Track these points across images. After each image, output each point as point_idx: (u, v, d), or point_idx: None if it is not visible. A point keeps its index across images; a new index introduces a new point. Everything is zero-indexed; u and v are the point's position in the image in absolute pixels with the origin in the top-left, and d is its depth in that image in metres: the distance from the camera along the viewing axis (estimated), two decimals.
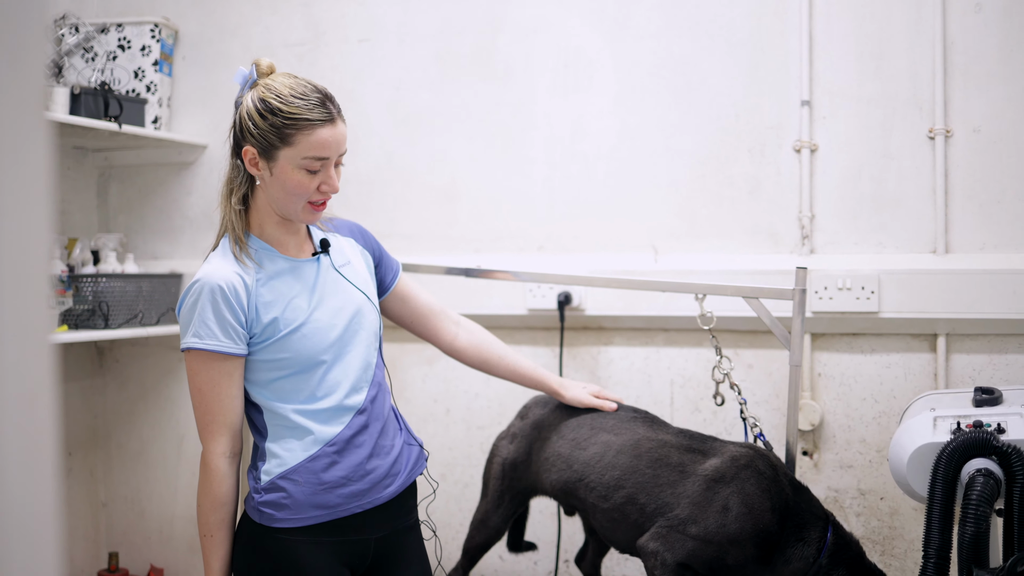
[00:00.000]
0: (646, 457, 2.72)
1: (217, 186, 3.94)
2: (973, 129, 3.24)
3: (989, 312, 3.15)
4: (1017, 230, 3.20)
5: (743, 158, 3.46)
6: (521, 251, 3.68)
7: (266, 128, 2.24)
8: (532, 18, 3.68)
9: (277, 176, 2.26)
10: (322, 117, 2.26)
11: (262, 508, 2.30)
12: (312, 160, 2.25)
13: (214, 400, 2.28)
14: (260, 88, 2.29)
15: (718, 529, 2.53)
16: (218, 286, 2.23)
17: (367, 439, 2.37)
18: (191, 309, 2.26)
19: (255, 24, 4.00)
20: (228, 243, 2.34)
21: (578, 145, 3.63)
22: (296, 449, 2.31)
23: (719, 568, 2.57)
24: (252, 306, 2.26)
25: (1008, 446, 2.28)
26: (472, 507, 3.70)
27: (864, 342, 3.34)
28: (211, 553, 2.34)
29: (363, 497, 2.34)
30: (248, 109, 2.27)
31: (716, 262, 3.44)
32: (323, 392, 2.33)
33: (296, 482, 2.29)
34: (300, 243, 2.43)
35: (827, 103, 3.38)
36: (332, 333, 2.34)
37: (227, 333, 2.24)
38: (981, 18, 3.23)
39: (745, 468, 2.60)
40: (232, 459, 2.32)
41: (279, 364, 2.30)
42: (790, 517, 2.55)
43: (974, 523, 2.23)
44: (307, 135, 2.24)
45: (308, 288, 2.35)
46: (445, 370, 3.70)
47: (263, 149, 2.25)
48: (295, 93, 2.26)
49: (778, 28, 3.42)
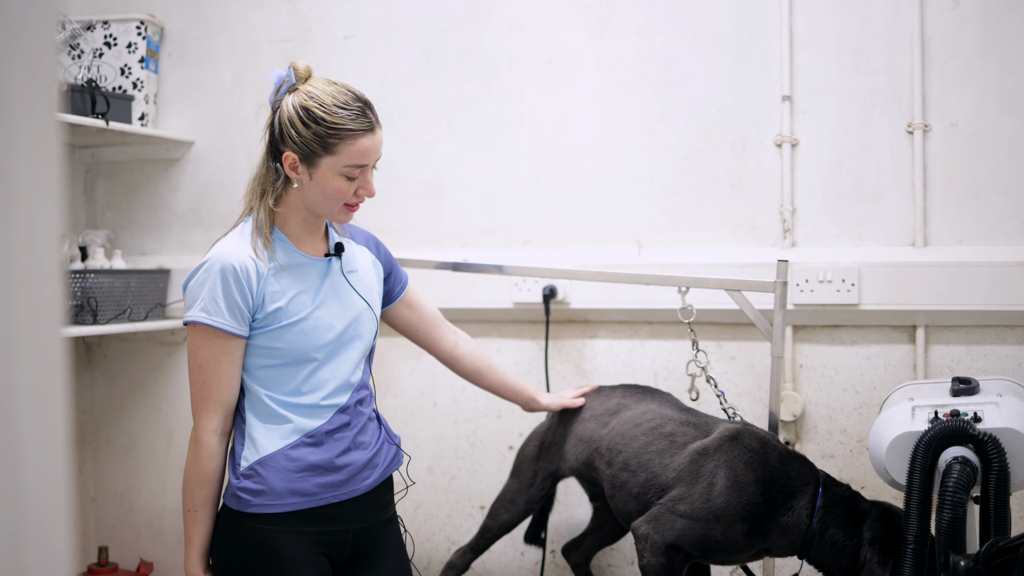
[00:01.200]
0: (645, 426, 2.84)
1: (204, 182, 4.00)
2: (951, 123, 3.29)
3: (967, 304, 3.20)
4: (994, 223, 3.26)
5: (725, 153, 3.50)
6: (506, 245, 3.72)
7: (309, 137, 2.27)
8: (516, 14, 3.72)
9: (317, 181, 2.30)
10: (364, 127, 2.30)
11: (239, 493, 2.33)
12: (352, 167, 2.30)
13: (213, 377, 2.32)
14: (302, 95, 2.31)
15: (703, 504, 2.60)
16: (231, 266, 2.27)
17: (347, 435, 2.42)
18: (201, 284, 2.29)
19: (241, 21, 4.03)
20: (248, 230, 2.38)
21: (562, 140, 3.67)
22: (275, 437, 2.35)
23: (709, 547, 2.63)
24: (260, 292, 2.30)
25: (984, 435, 2.33)
26: (459, 499, 3.74)
27: (845, 334, 3.39)
28: (193, 528, 2.38)
29: (340, 488, 2.38)
30: (290, 115, 2.30)
31: (699, 255, 3.48)
32: (308, 388, 2.37)
33: (273, 468, 2.33)
34: (317, 242, 2.47)
35: (807, 98, 3.43)
36: (329, 334, 2.38)
37: (233, 314, 2.28)
38: (958, 14, 3.28)
39: (731, 442, 2.68)
40: (223, 437, 2.36)
41: (272, 353, 2.33)
42: (778, 488, 2.61)
43: (951, 510, 2.27)
44: (349, 144, 2.28)
45: (315, 286, 2.40)
46: (432, 364, 3.73)
47: (304, 156, 2.29)
48: (338, 102, 2.29)
49: (759, 24, 3.47)
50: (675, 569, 2.66)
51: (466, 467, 3.74)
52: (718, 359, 3.47)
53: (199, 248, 4.04)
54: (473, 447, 3.75)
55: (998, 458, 2.31)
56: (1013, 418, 2.42)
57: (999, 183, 3.25)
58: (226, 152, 4.04)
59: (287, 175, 2.34)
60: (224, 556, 2.39)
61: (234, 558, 2.37)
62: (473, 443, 3.75)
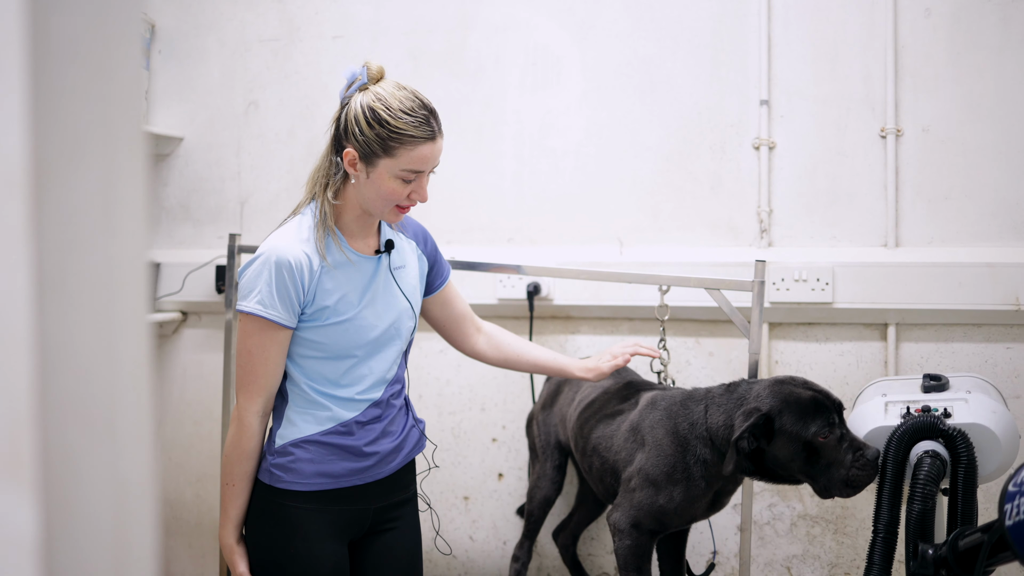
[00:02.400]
0: (596, 404, 3.01)
1: (193, 177, 4.06)
2: (922, 129, 3.39)
3: (937, 303, 3.31)
4: (963, 225, 3.36)
5: (705, 155, 3.59)
6: (491, 243, 3.79)
7: (371, 137, 2.32)
8: (502, 16, 3.79)
9: (373, 180, 2.35)
10: (426, 135, 2.34)
11: (272, 469, 2.44)
12: (409, 172, 2.34)
13: (260, 363, 2.40)
14: (371, 95, 2.35)
15: (641, 478, 2.73)
16: (287, 261, 2.33)
17: (378, 425, 2.51)
18: (257, 275, 2.36)
19: (231, 19, 4.09)
20: (307, 224, 2.43)
21: (546, 141, 3.75)
22: (311, 421, 2.44)
23: (662, 515, 2.72)
24: (312, 288, 2.37)
25: (953, 429, 2.41)
26: (443, 490, 3.82)
27: (819, 331, 3.49)
28: (230, 501, 2.47)
29: (364, 473, 2.48)
30: (356, 114, 2.35)
31: (679, 254, 3.57)
32: (347, 382, 2.46)
33: (305, 449, 2.42)
34: (369, 239, 2.53)
35: (785, 103, 3.52)
36: (372, 333, 2.46)
37: (286, 306, 2.35)
38: (930, 23, 3.38)
39: (649, 408, 2.83)
40: (263, 418, 2.45)
41: (315, 346, 2.42)
42: (692, 434, 2.69)
43: (921, 501, 2.35)
44: (409, 150, 2.32)
45: (364, 285, 2.46)
46: (417, 357, 3.81)
47: (364, 155, 2.34)
48: (404, 108, 2.33)
49: (738, 30, 3.56)
50: (641, 547, 2.75)
51: (450, 459, 3.82)
52: (697, 355, 3.57)
53: (188, 242, 4.10)
54: (457, 439, 3.83)
55: (966, 452, 2.39)
56: (981, 414, 2.49)
57: (968, 186, 3.36)
58: (215, 148, 4.10)
59: (346, 170, 2.41)
60: (254, 527, 2.49)
61: (263, 530, 2.47)
62: (457, 435, 3.83)
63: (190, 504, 4.12)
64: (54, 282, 0.63)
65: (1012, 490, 1.85)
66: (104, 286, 0.69)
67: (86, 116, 0.67)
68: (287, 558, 2.44)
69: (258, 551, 2.49)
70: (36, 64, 0.61)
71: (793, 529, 3.52)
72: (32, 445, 0.63)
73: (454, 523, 3.79)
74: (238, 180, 4.07)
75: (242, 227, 4.03)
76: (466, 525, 3.81)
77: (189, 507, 4.12)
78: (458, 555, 3.77)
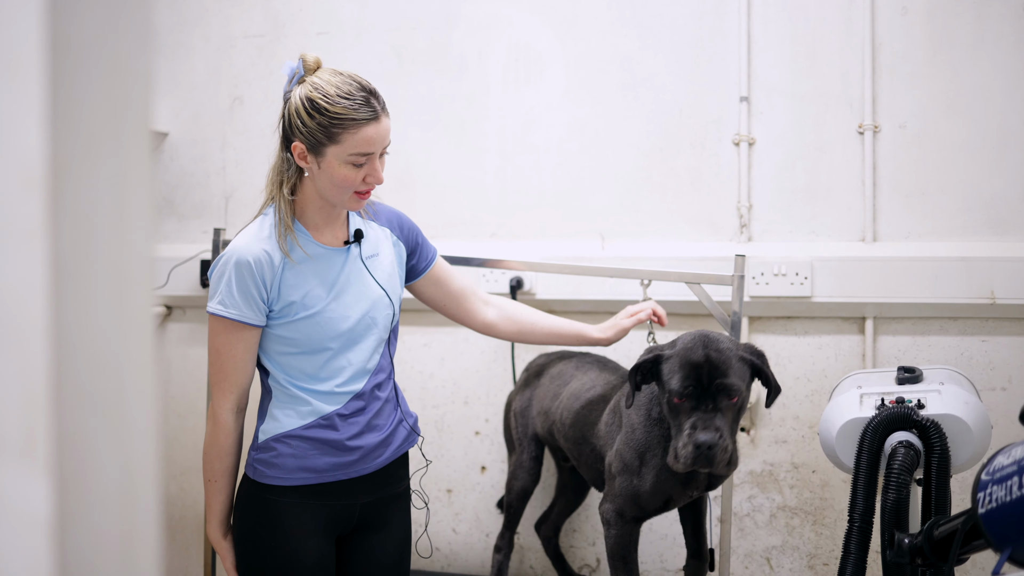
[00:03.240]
0: (583, 397, 3.05)
1: (178, 172, 4.08)
2: (899, 125, 3.44)
3: (913, 297, 3.36)
4: (939, 220, 3.41)
5: (685, 151, 3.64)
6: (474, 237, 3.83)
7: (314, 127, 2.34)
8: (485, 14, 3.83)
9: (324, 170, 2.37)
10: (367, 116, 2.35)
11: (256, 464, 2.47)
12: (358, 156, 2.36)
13: (228, 361, 2.44)
14: (308, 86, 2.37)
15: (620, 463, 2.77)
16: (246, 260, 2.36)
17: (362, 419, 2.52)
18: (220, 276, 2.39)
19: (216, 15, 4.11)
20: (268, 223, 2.46)
21: (529, 137, 3.79)
22: (293, 416, 2.47)
23: (641, 499, 2.75)
24: (276, 285, 2.40)
25: (927, 420, 2.44)
26: (426, 483, 3.84)
27: (798, 325, 3.54)
28: (213, 497, 2.51)
29: (350, 467, 2.50)
30: (296, 107, 2.37)
31: (660, 249, 3.61)
32: (325, 375, 2.48)
33: (288, 444, 2.45)
34: (336, 230, 2.54)
35: (764, 99, 3.57)
36: (344, 324, 2.47)
37: (249, 305, 2.38)
38: (907, 20, 3.43)
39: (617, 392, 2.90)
40: (239, 414, 2.48)
41: (288, 342, 2.45)
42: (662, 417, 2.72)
43: (896, 490, 2.39)
44: (353, 133, 2.34)
45: (332, 278, 2.48)
46: (401, 351, 3.83)
47: (311, 145, 2.36)
48: (341, 93, 2.34)
49: (719, 28, 3.60)
50: (625, 536, 2.78)
51: (433, 452, 3.85)
52: None
53: (173, 237, 4.13)
54: (441, 432, 3.86)
55: (940, 442, 2.43)
56: (954, 405, 2.53)
57: (945, 182, 3.41)
58: (200, 144, 4.12)
59: (298, 165, 2.43)
60: (240, 522, 2.52)
61: (248, 524, 2.51)
62: (441, 428, 3.87)
63: (174, 498, 4.15)
64: (69, 275, 0.67)
65: (985, 479, 1.89)
66: (115, 279, 0.73)
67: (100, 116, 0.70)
68: (270, 552, 2.47)
69: (244, 545, 2.52)
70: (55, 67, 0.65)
71: (773, 520, 3.57)
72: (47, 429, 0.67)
73: (437, 516, 3.82)
74: (223, 175, 4.09)
75: (227, 222, 4.05)
76: (449, 518, 3.85)
77: (174, 501, 4.15)
78: (441, 547, 3.81)
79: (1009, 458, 1.83)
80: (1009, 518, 1.77)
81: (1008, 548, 1.77)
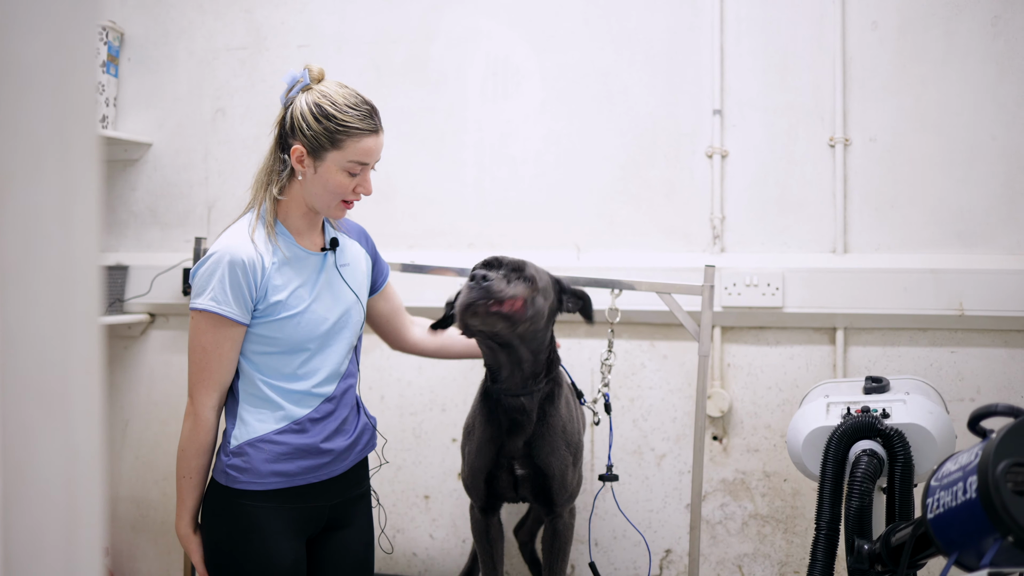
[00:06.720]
0: None
1: (161, 182, 4.12)
2: (869, 138, 3.49)
3: (883, 308, 3.40)
4: (909, 232, 3.46)
5: (660, 163, 3.69)
6: (452, 248, 3.87)
7: (319, 131, 2.45)
8: (464, 28, 3.88)
9: (321, 174, 2.49)
10: (370, 127, 2.50)
11: (228, 470, 2.52)
12: (355, 164, 2.49)
13: (215, 359, 2.49)
14: (316, 93, 2.50)
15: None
16: (240, 259, 2.44)
17: (331, 423, 2.60)
18: (210, 273, 2.45)
19: (199, 28, 4.15)
20: (251, 223, 2.53)
21: (506, 149, 3.84)
22: (266, 420, 2.53)
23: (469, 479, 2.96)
24: (264, 285, 2.47)
25: (891, 429, 2.48)
26: (404, 489, 3.89)
27: (770, 335, 3.58)
28: (187, 493, 2.56)
29: (320, 470, 2.57)
30: (302, 111, 2.48)
31: (634, 259, 3.66)
32: (302, 374, 2.55)
33: (260, 449, 2.50)
34: (314, 236, 2.65)
35: (737, 112, 3.62)
36: (323, 326, 2.56)
37: (239, 303, 2.45)
38: (877, 35, 3.48)
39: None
40: (218, 412, 2.55)
41: (269, 341, 2.51)
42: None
43: (859, 498, 2.43)
44: (356, 141, 2.47)
45: (312, 280, 2.58)
46: (379, 359, 3.88)
47: (312, 149, 2.47)
48: (349, 103, 2.49)
49: (692, 42, 3.65)
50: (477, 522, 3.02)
51: (411, 459, 3.88)
52: (651, 357, 3.65)
53: (156, 246, 4.16)
54: (418, 439, 3.90)
55: (903, 451, 2.47)
56: (919, 414, 2.57)
57: (914, 194, 3.46)
58: (183, 154, 4.17)
59: (293, 167, 2.51)
60: (212, 527, 2.56)
61: (221, 529, 2.55)
62: (418, 435, 3.90)
63: (156, 503, 4.18)
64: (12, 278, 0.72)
65: (934, 484, 1.93)
66: (60, 281, 0.77)
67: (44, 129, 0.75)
68: (245, 557, 2.51)
69: (218, 551, 2.55)
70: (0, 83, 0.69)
71: (744, 528, 3.61)
72: None
73: (415, 521, 3.86)
74: (205, 185, 4.13)
75: (209, 231, 4.09)
76: (426, 523, 3.88)
77: (155, 505, 4.18)
78: (419, 553, 3.84)
79: (955, 464, 1.88)
80: (955, 523, 1.81)
81: (955, 553, 1.81)
